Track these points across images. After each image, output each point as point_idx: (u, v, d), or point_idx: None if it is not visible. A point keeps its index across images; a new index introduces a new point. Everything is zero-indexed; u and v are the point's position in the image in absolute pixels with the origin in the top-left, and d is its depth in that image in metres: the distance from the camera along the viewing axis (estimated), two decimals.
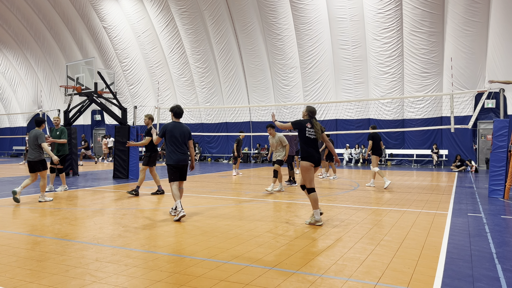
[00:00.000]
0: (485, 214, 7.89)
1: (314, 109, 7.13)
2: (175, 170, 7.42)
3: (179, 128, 7.47)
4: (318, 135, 6.90)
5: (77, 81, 16.13)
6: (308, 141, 6.86)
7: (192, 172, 18.29)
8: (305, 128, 6.88)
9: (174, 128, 7.42)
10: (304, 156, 6.81)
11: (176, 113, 7.59)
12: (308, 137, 6.86)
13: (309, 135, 6.87)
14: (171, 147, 7.39)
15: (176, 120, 7.61)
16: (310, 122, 6.97)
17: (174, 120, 7.60)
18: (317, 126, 6.95)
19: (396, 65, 22.11)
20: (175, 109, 7.59)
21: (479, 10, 19.53)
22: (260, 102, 26.24)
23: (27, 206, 8.58)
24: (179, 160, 7.39)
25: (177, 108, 7.60)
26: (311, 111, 7.08)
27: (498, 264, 4.71)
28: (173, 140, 7.39)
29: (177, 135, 7.41)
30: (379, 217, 7.49)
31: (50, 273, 4.31)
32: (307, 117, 7.07)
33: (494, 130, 10.44)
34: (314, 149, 6.85)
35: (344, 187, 12.38)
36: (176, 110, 7.58)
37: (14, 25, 32.60)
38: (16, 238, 5.80)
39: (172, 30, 27.24)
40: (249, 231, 6.30)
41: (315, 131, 6.90)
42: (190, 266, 4.53)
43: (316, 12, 22.91)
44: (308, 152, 6.81)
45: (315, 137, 6.90)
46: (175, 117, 7.60)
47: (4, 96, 37.16)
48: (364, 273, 4.32)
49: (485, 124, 21.63)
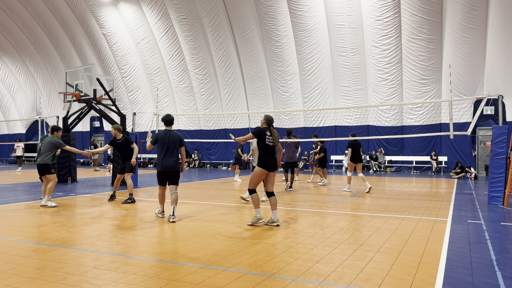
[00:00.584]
0: (484, 221, 7.87)
1: (271, 117, 7.54)
2: (161, 175, 7.96)
3: (170, 136, 7.92)
4: (275, 142, 7.33)
5: (76, 87, 16.13)
6: (266, 148, 7.25)
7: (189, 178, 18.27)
8: (265, 136, 7.27)
9: (165, 136, 7.90)
10: (260, 162, 7.21)
11: (166, 121, 8.07)
12: (267, 144, 7.26)
13: (268, 142, 7.27)
14: (160, 153, 7.88)
15: (168, 127, 8.06)
16: (269, 130, 7.36)
17: (166, 128, 8.07)
18: (274, 133, 7.37)
19: (395, 72, 22.18)
20: (164, 118, 8.11)
21: (477, 17, 19.63)
22: (259, 109, 26.27)
23: (25, 213, 8.54)
24: (165, 167, 7.85)
25: (165, 117, 8.08)
26: (269, 120, 7.48)
27: (498, 271, 4.68)
28: (163, 146, 7.88)
29: (167, 142, 7.87)
30: (379, 224, 7.46)
31: (48, 280, 4.28)
32: (266, 126, 7.45)
33: (493, 137, 10.44)
34: (270, 156, 7.26)
35: (343, 194, 12.35)
36: (165, 118, 8.08)
37: (14, 32, 32.69)
38: (13, 245, 5.77)
39: (172, 37, 27.33)
40: (247, 238, 6.27)
41: (273, 139, 7.32)
42: (188, 274, 4.50)
43: (315, 19, 23.02)
44: (264, 159, 7.21)
45: (273, 144, 7.32)
46: (166, 125, 8.08)
47: (3, 103, 37.17)
48: (363, 281, 4.30)
49: (484, 131, 21.66)
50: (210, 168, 28.23)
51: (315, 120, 25.12)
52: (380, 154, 23.60)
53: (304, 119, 25.48)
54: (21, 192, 12.68)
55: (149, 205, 9.80)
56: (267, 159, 7.19)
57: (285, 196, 11.70)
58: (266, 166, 7.18)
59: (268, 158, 7.21)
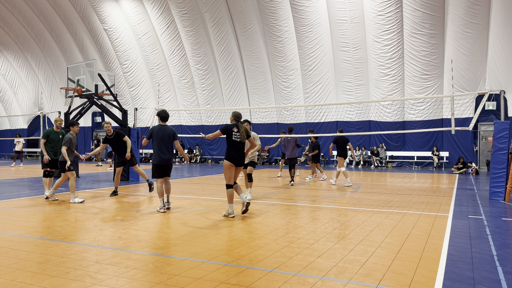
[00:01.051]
0: (486, 216, 7.87)
1: (239, 114, 7.94)
2: (158, 168, 8.35)
3: (164, 130, 8.33)
4: (242, 137, 7.71)
5: (78, 83, 16.14)
6: (233, 143, 7.67)
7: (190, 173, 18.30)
8: (231, 132, 7.68)
9: (160, 131, 8.30)
10: (227, 156, 7.66)
11: (162, 117, 8.48)
12: (234, 140, 7.67)
13: (235, 138, 7.67)
14: (156, 147, 8.29)
15: (162, 123, 8.47)
16: (236, 126, 7.74)
17: (160, 123, 8.47)
18: (242, 129, 7.73)
19: (396, 67, 22.12)
20: (161, 113, 8.49)
21: (479, 12, 19.53)
22: (260, 104, 26.25)
23: (27, 208, 8.58)
24: (162, 160, 8.32)
25: (163, 112, 8.48)
26: (237, 116, 7.88)
27: (499, 266, 4.70)
28: (158, 141, 8.25)
29: (162, 137, 8.25)
30: (380, 219, 7.48)
31: (50, 275, 4.30)
32: (234, 122, 7.85)
33: (495, 132, 10.43)
34: (237, 151, 7.67)
35: (345, 189, 12.36)
36: (162, 114, 8.48)
37: (15, 27, 32.65)
38: (16, 240, 5.80)
39: (173, 32, 27.28)
40: (249, 233, 6.29)
41: (240, 134, 7.70)
42: (190, 268, 4.52)
43: (317, 14, 22.94)
44: (230, 154, 7.65)
45: (240, 140, 7.70)
46: (161, 120, 8.48)
47: (5, 98, 37.20)
48: (364, 275, 4.32)
49: (486, 126, 21.62)
50: (212, 163, 28.24)
51: (317, 115, 25.09)
52: (381, 150, 23.58)
53: (306, 114, 25.46)
54: (23, 187, 12.72)
55: (151, 200, 9.83)
56: (233, 154, 7.62)
57: (286, 192, 11.72)
58: (232, 160, 7.60)
59: (234, 153, 7.63)
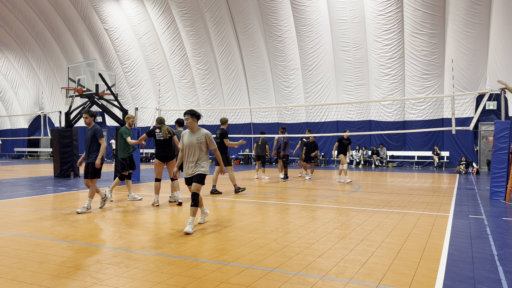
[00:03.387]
0: (486, 216, 7.87)
1: (161, 118, 9.27)
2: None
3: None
4: (164, 135, 8.99)
5: (79, 82, 16.15)
6: (158, 143, 9.05)
7: None
8: (155, 133, 9.05)
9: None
10: (155, 155, 9.11)
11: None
12: (158, 139, 9.04)
13: (159, 138, 9.02)
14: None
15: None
16: (159, 128, 9.08)
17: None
18: (163, 129, 9.02)
19: (397, 67, 22.11)
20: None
21: (480, 12, 19.52)
22: (261, 104, 26.25)
23: (28, 208, 8.58)
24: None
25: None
26: (159, 120, 9.25)
27: (500, 266, 4.69)
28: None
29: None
30: (380, 219, 7.47)
31: (51, 274, 4.31)
32: (158, 125, 9.20)
33: (496, 132, 10.43)
34: (162, 149, 9.01)
35: (345, 189, 12.37)
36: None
37: (16, 27, 32.68)
38: (17, 240, 5.80)
39: (173, 32, 27.29)
40: (249, 232, 6.29)
41: (162, 134, 8.99)
42: (191, 268, 4.53)
43: (317, 14, 22.94)
44: (157, 152, 9.05)
45: (164, 138, 8.99)
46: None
47: (6, 98, 37.23)
48: (365, 275, 4.32)
49: (487, 126, 21.61)
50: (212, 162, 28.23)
51: (317, 115, 25.09)
52: (381, 149, 23.58)
53: (306, 114, 25.45)
54: (24, 187, 12.73)
55: (152, 200, 9.79)
56: (159, 152, 9.03)
57: (286, 191, 11.72)
58: (159, 157, 9.02)
59: (160, 151, 9.01)
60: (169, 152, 9.05)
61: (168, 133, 9.02)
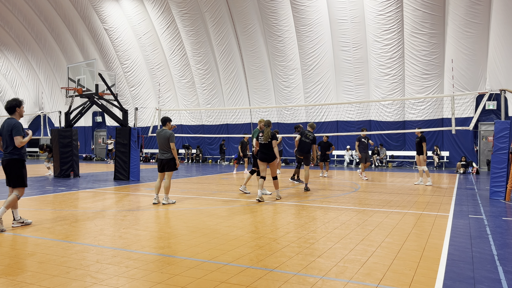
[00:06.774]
0: (486, 216, 7.87)
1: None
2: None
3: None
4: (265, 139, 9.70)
5: (78, 82, 16.15)
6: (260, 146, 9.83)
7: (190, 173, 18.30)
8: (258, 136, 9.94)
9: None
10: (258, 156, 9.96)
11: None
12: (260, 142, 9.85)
13: (260, 141, 9.82)
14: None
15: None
16: (262, 132, 9.86)
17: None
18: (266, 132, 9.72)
19: (397, 67, 22.11)
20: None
21: (480, 12, 19.52)
22: (261, 104, 26.25)
23: (28, 208, 8.58)
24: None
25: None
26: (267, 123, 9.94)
27: (500, 266, 4.70)
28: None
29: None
30: (380, 218, 7.48)
31: (51, 274, 4.31)
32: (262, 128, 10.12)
33: (495, 132, 10.43)
34: (263, 152, 9.78)
35: (345, 189, 12.37)
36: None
37: (16, 26, 32.67)
38: (17, 240, 5.80)
39: (173, 32, 27.29)
40: (249, 233, 6.29)
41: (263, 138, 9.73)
42: (190, 268, 4.53)
43: (317, 14, 22.93)
44: (259, 154, 9.90)
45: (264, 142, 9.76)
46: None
47: (5, 98, 37.20)
48: (365, 275, 4.32)
49: (486, 126, 21.61)
50: (212, 163, 28.25)
51: (317, 115, 25.08)
52: (381, 149, 23.57)
53: (306, 114, 25.45)
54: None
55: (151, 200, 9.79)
56: (261, 155, 9.83)
57: (286, 191, 11.71)
58: (262, 159, 9.81)
59: (261, 154, 9.85)
60: (269, 154, 9.73)
61: (268, 137, 9.71)
